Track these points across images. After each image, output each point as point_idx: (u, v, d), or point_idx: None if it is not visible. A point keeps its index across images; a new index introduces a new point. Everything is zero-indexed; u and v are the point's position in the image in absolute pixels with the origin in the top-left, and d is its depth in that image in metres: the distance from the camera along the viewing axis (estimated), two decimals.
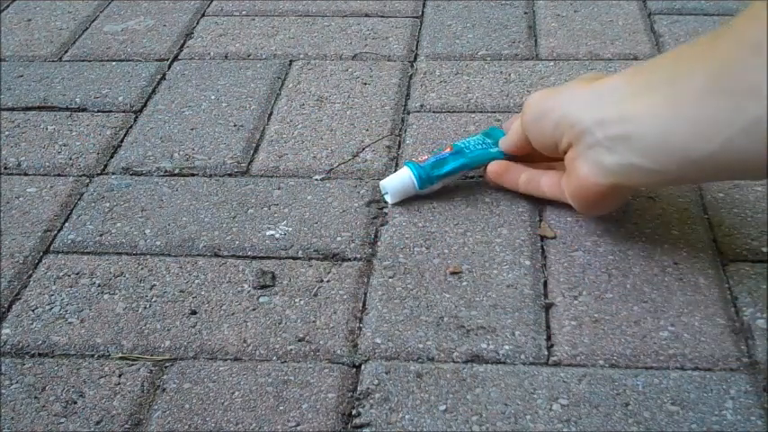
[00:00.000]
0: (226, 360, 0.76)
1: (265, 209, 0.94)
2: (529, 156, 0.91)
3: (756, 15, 0.62)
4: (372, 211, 0.93)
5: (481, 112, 1.10)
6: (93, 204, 0.96)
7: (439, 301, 0.81)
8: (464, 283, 0.83)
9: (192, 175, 1.00)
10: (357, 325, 0.79)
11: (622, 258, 0.85)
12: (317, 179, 0.99)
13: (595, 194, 0.80)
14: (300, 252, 0.88)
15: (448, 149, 0.96)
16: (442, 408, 0.70)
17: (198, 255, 0.88)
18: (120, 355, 0.77)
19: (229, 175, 1.00)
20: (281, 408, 0.71)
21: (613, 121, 0.75)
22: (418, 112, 1.10)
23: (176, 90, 1.17)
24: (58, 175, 1.01)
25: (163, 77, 1.21)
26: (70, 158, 1.04)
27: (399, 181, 0.93)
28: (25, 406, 0.72)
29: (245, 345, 0.77)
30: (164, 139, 1.07)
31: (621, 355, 0.75)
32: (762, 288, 0.81)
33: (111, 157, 1.04)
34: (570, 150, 0.81)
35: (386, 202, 0.94)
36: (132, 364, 0.76)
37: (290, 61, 1.23)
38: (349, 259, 0.87)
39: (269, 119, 1.10)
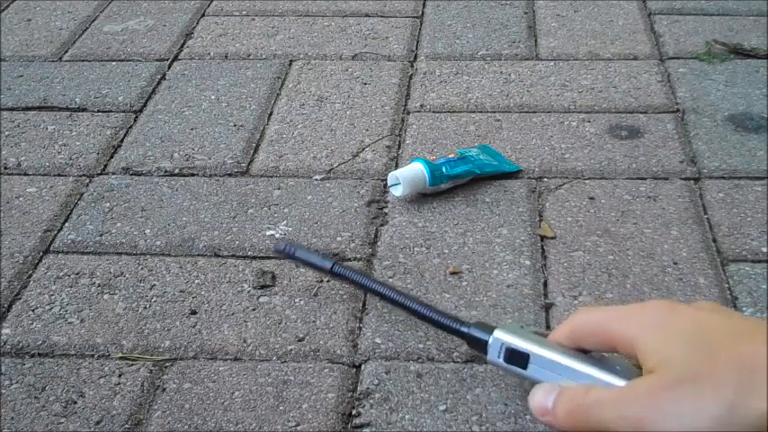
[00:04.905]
0: (226, 360, 0.76)
1: (265, 209, 0.94)
2: None
3: None
4: (372, 211, 0.93)
5: (481, 112, 1.10)
6: (93, 204, 0.96)
7: (439, 301, 0.81)
8: (464, 283, 0.83)
9: (192, 175, 1.00)
10: (357, 325, 0.79)
11: (622, 258, 0.85)
12: (317, 179, 0.99)
13: None
14: None
15: (452, 155, 0.96)
16: (442, 408, 0.70)
17: (198, 255, 0.88)
18: (120, 355, 0.77)
19: (229, 175, 1.00)
20: (281, 408, 0.71)
21: None
22: (418, 112, 1.10)
23: (176, 90, 1.17)
24: (58, 175, 1.01)
25: (163, 77, 1.21)
26: (70, 158, 1.04)
27: (413, 173, 0.93)
28: (25, 406, 0.72)
29: (245, 345, 0.77)
30: (164, 139, 1.07)
31: None
32: (762, 288, 0.81)
33: (111, 157, 1.04)
34: None
35: (386, 202, 0.94)
36: (132, 364, 0.76)
37: (290, 61, 1.23)
38: (349, 259, 0.87)
39: (269, 119, 1.10)
